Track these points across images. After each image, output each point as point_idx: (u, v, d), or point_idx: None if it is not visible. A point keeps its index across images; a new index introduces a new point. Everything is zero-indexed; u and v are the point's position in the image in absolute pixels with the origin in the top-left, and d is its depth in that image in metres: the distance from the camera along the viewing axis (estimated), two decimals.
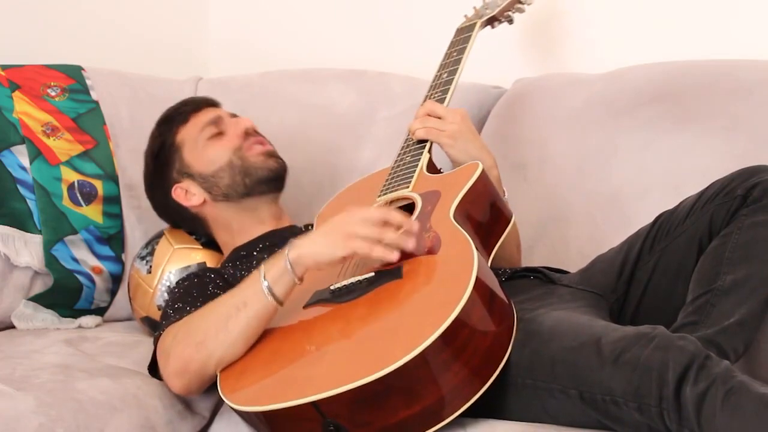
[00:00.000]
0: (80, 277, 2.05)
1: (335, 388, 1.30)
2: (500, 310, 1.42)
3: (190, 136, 1.91)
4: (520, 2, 1.95)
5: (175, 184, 1.91)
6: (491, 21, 1.96)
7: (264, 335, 1.50)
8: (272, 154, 1.90)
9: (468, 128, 1.78)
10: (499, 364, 1.39)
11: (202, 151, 1.90)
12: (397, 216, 1.49)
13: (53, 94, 2.14)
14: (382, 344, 1.35)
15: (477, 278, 1.36)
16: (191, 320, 1.54)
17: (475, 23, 1.92)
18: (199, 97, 2.02)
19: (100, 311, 2.10)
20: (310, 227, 1.86)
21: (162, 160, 1.93)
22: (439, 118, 1.77)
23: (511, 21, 1.98)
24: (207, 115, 1.93)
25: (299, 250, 1.48)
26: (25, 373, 1.61)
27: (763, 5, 2.09)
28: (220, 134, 1.90)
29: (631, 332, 1.36)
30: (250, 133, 1.91)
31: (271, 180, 1.89)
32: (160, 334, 1.59)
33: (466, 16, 1.98)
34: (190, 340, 1.51)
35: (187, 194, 1.90)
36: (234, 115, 1.96)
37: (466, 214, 1.56)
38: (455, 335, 1.32)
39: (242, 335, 1.48)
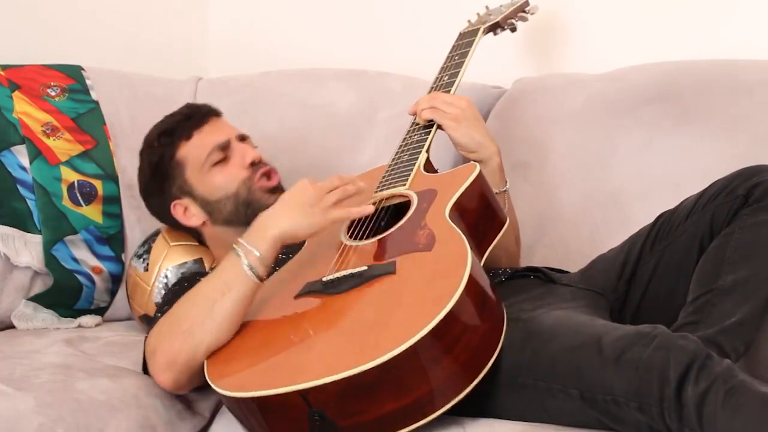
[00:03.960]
0: (80, 277, 2.04)
1: (324, 377, 1.30)
2: (491, 308, 1.43)
3: (195, 156, 1.89)
4: (524, 11, 1.96)
5: (174, 200, 1.90)
6: (494, 28, 1.97)
7: (253, 323, 1.51)
8: (277, 190, 1.88)
9: (472, 114, 1.79)
10: (489, 361, 1.39)
11: (207, 175, 1.88)
12: (345, 175, 1.63)
13: (53, 94, 2.13)
14: (373, 336, 1.35)
15: (470, 275, 1.37)
16: (173, 313, 1.54)
17: (478, 29, 1.93)
18: (201, 108, 1.97)
19: (100, 311, 2.10)
20: None
21: (161, 173, 1.91)
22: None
23: (514, 29, 1.99)
24: (213, 135, 1.90)
25: (280, 228, 1.52)
26: (25, 373, 1.60)
27: (763, 5, 2.09)
28: (225, 159, 1.89)
29: (631, 331, 1.36)
30: (257, 164, 1.89)
31: None
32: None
33: (469, 21, 1.99)
34: (175, 332, 1.50)
35: (186, 212, 1.90)
36: (243, 138, 1.93)
37: (461, 214, 1.56)
38: (446, 330, 1.32)
39: (228, 319, 1.48)
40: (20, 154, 2.05)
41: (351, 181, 1.61)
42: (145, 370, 1.63)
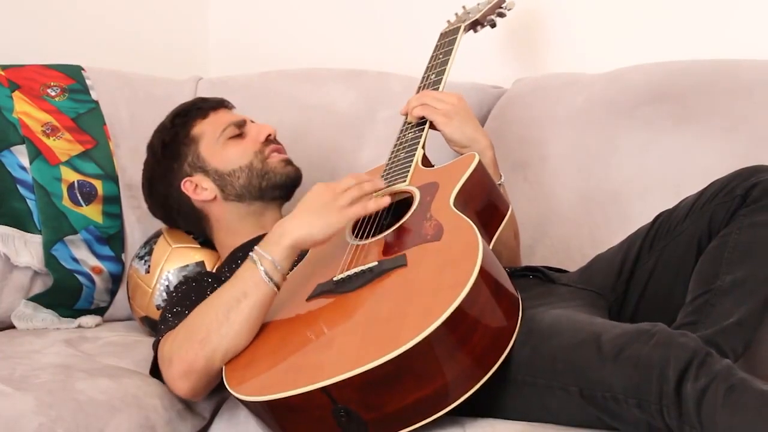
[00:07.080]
0: (80, 277, 2.05)
1: (346, 372, 1.30)
2: (505, 289, 1.43)
3: (210, 131, 1.92)
4: (501, 7, 1.97)
5: (185, 177, 1.91)
6: (474, 25, 1.99)
7: (268, 327, 1.51)
8: (290, 163, 1.94)
9: (464, 109, 1.80)
10: (509, 342, 1.39)
11: (221, 148, 1.91)
12: (361, 174, 1.62)
13: (53, 94, 2.14)
14: (391, 327, 1.35)
15: (483, 258, 1.37)
16: (190, 320, 1.54)
17: (459, 27, 1.95)
18: (216, 98, 2.03)
19: (100, 311, 2.10)
20: None
21: (172, 152, 1.93)
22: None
23: (493, 25, 2.00)
24: (228, 116, 1.96)
25: (295, 234, 1.53)
26: (25, 373, 1.61)
27: (763, 5, 2.09)
28: (240, 136, 1.93)
29: (631, 329, 1.36)
30: (271, 140, 1.94)
31: (286, 185, 1.92)
32: (159, 340, 1.59)
33: (448, 21, 2.00)
34: (192, 339, 1.51)
35: (197, 188, 1.91)
36: (254, 122, 1.98)
37: (464, 203, 1.57)
38: (464, 316, 1.33)
39: (245, 325, 1.49)
40: (20, 154, 2.05)
41: (367, 179, 1.61)
42: (153, 372, 1.64)
